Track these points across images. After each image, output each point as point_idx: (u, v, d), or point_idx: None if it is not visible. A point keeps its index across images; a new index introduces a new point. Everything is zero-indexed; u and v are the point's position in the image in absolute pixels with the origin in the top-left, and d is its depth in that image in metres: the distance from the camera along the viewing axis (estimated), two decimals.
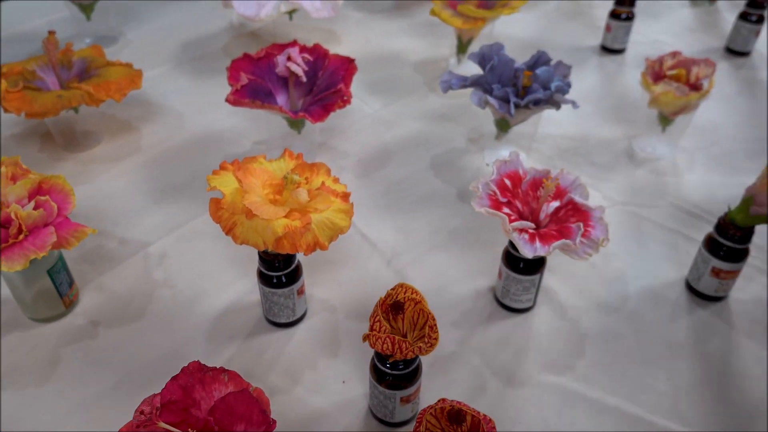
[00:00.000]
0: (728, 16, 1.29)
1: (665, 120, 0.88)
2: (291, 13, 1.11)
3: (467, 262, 0.75)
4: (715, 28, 1.25)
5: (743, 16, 1.12)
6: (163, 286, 0.71)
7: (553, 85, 0.77)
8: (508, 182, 0.64)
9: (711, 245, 0.67)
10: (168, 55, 1.13)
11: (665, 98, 0.84)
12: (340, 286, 0.72)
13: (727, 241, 0.66)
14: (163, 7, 1.29)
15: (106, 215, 0.80)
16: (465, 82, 0.81)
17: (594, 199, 0.84)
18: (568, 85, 0.80)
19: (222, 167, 0.62)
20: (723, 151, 0.93)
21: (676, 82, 0.85)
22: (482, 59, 0.83)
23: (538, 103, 0.78)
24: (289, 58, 0.80)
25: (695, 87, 0.85)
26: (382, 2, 1.32)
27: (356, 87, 1.03)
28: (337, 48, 1.16)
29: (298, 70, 0.80)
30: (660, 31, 1.23)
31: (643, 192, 0.85)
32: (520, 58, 1.11)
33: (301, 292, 0.65)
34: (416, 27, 1.22)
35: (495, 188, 0.62)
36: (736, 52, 1.15)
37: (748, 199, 0.64)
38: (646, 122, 0.92)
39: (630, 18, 1.12)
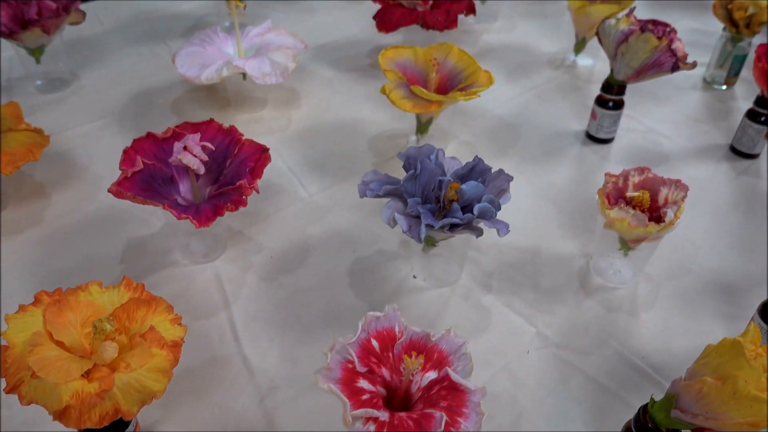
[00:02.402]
0: (744, 104, 1.14)
1: (626, 245, 0.76)
2: (245, 73, 1.02)
3: None
4: (725, 119, 1.10)
5: (751, 115, 0.97)
6: None
7: (477, 208, 0.66)
8: (375, 344, 0.53)
9: None
10: (113, 107, 1.06)
11: (620, 225, 0.71)
12: (192, 426, 0.62)
13: None
14: (126, 50, 1.22)
15: None
16: (378, 191, 0.70)
17: (526, 336, 0.72)
18: (497, 207, 0.68)
19: (37, 299, 0.53)
20: (696, 285, 0.79)
21: (636, 207, 0.72)
22: (407, 164, 0.72)
23: (455, 228, 0.67)
24: (185, 148, 0.71)
25: (658, 216, 0.72)
26: (360, 60, 1.22)
27: (298, 164, 0.95)
28: (294, 112, 1.07)
29: (193, 163, 0.71)
30: (659, 119, 1.09)
31: (586, 333, 0.73)
32: (493, 137, 1.02)
33: None
34: None
35: (354, 354, 0.52)
36: (741, 153, 1.01)
37: (670, 397, 0.51)
38: (611, 237, 0.79)
39: (618, 107, 0.98)
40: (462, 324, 0.73)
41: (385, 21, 1.13)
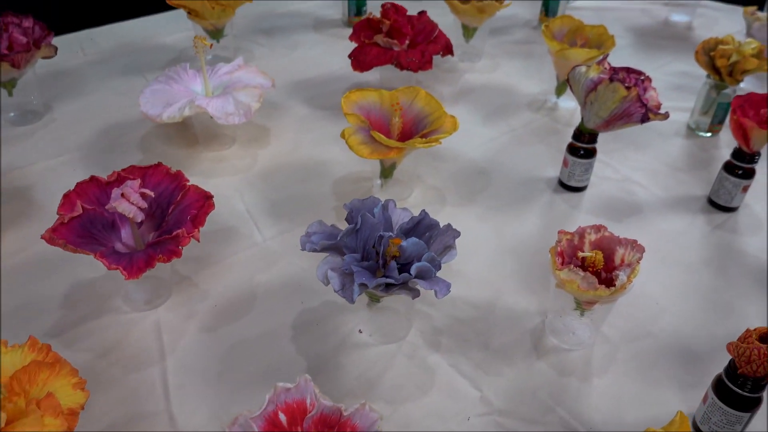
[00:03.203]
0: (728, 153, 1.10)
1: (580, 305, 0.72)
2: None
3: None
4: (706, 168, 1.07)
5: (728, 168, 0.94)
6: None
7: (415, 267, 0.63)
8: (283, 418, 0.51)
9: None
10: (80, 141, 1.06)
11: (570, 287, 0.68)
12: None
13: None
14: (103, 82, 1.22)
15: None
16: (316, 246, 0.67)
17: (469, 400, 0.69)
18: (437, 266, 0.65)
19: None
20: (656, 349, 0.75)
21: (590, 268, 0.69)
22: (349, 217, 0.70)
23: (390, 288, 0.64)
24: (122, 195, 0.70)
25: (610, 278, 0.69)
26: (336, 97, 1.20)
27: (258, 206, 0.93)
28: (262, 151, 1.06)
29: (129, 212, 0.69)
30: (637, 167, 1.06)
31: (533, 398, 0.69)
32: (462, 182, 1.00)
33: None
34: None
35: (256, 429, 0.49)
36: (718, 206, 0.97)
37: None
38: (567, 296, 0.76)
39: (589, 155, 0.96)
40: (403, 385, 0.70)
41: (360, 60, 1.12)
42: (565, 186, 1.00)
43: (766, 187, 1.01)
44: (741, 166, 0.92)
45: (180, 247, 0.68)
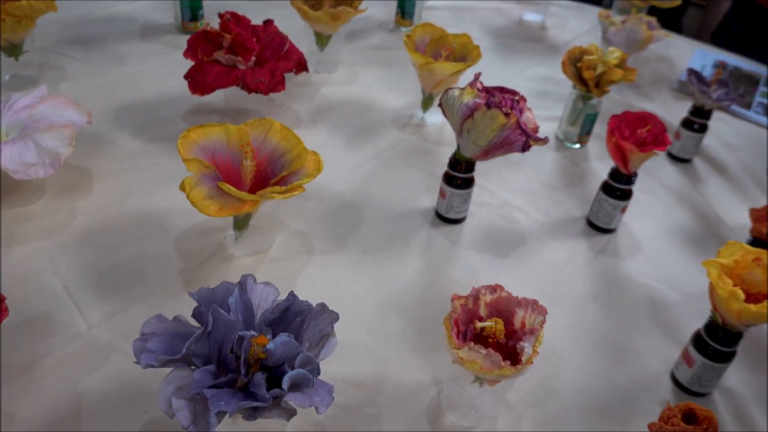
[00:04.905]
0: (597, 165, 1.08)
1: (481, 379, 0.63)
2: None
3: None
4: (579, 184, 1.03)
5: (606, 189, 0.89)
6: None
7: (287, 378, 0.50)
8: None
9: None
10: None
11: (472, 367, 0.58)
12: None
13: None
14: None
15: None
16: (154, 361, 0.51)
17: None
18: (316, 371, 0.52)
19: None
20: (562, 409, 0.68)
21: (490, 339, 0.60)
22: (197, 313, 0.55)
23: (258, 412, 0.50)
24: None
25: (512, 347, 0.60)
26: (174, 124, 1.02)
27: (79, 280, 0.74)
28: (81, 201, 0.86)
29: None
30: (514, 188, 0.99)
31: None
32: (330, 223, 0.92)
33: None
34: None
35: None
36: (598, 227, 0.93)
37: None
38: None
39: (467, 184, 0.87)
40: None
41: (199, 82, 0.95)
42: (443, 218, 0.90)
43: (642, 204, 0.99)
44: (619, 188, 0.88)
45: None
